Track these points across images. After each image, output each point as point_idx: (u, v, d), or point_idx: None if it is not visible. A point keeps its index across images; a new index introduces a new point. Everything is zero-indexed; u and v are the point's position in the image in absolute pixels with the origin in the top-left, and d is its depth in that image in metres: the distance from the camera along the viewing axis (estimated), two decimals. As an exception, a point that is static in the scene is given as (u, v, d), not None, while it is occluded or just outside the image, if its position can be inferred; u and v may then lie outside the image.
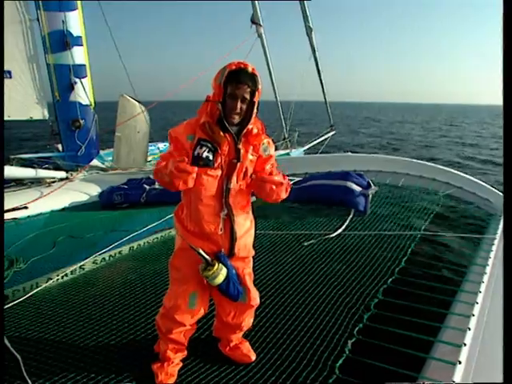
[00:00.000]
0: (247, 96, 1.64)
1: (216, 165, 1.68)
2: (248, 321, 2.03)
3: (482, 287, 2.62)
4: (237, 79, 1.60)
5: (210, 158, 1.66)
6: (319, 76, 9.49)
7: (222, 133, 1.66)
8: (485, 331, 2.17)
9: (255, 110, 1.69)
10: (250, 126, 1.70)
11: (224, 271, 1.73)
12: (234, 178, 1.72)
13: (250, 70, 1.63)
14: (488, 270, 2.88)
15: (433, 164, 5.90)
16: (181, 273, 1.84)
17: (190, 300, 1.82)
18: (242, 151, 1.70)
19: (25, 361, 2.04)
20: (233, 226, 1.76)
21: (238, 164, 1.71)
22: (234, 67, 1.61)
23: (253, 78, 1.63)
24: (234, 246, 1.79)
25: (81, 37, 6.22)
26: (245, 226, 1.83)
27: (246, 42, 8.13)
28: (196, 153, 1.66)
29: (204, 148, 1.66)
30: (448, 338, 2.17)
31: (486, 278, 2.75)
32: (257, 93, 1.66)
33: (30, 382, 1.89)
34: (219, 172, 1.70)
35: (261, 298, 2.05)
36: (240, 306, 1.93)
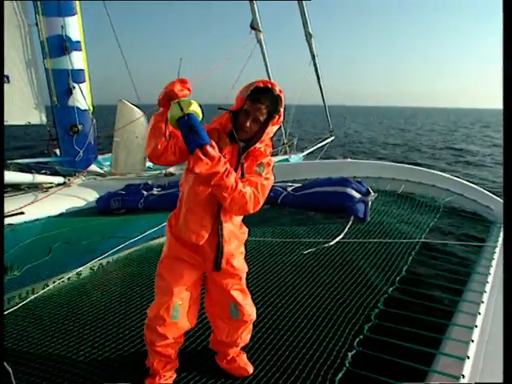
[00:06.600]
0: (261, 117, 1.59)
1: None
2: (245, 337, 1.97)
3: (485, 297, 2.58)
4: (257, 97, 1.56)
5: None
6: (318, 82, 9.48)
7: (228, 141, 1.62)
8: (488, 343, 2.12)
9: (268, 131, 1.63)
10: (257, 146, 1.65)
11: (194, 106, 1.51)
12: None
13: (276, 91, 1.58)
14: (490, 279, 2.84)
15: (432, 171, 5.87)
16: (165, 282, 1.76)
17: (173, 311, 1.73)
18: (245, 166, 1.64)
19: (18, 367, 2.00)
20: (220, 241, 1.70)
21: None
22: (261, 85, 1.58)
23: (275, 100, 1.58)
24: (220, 261, 1.73)
25: (80, 42, 6.19)
26: (234, 240, 1.77)
27: (245, 48, 8.13)
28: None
29: None
30: (450, 350, 2.12)
31: (488, 288, 2.70)
32: (276, 116, 1.61)
33: None
34: None
35: (258, 307, 2.00)
36: (233, 323, 1.87)
